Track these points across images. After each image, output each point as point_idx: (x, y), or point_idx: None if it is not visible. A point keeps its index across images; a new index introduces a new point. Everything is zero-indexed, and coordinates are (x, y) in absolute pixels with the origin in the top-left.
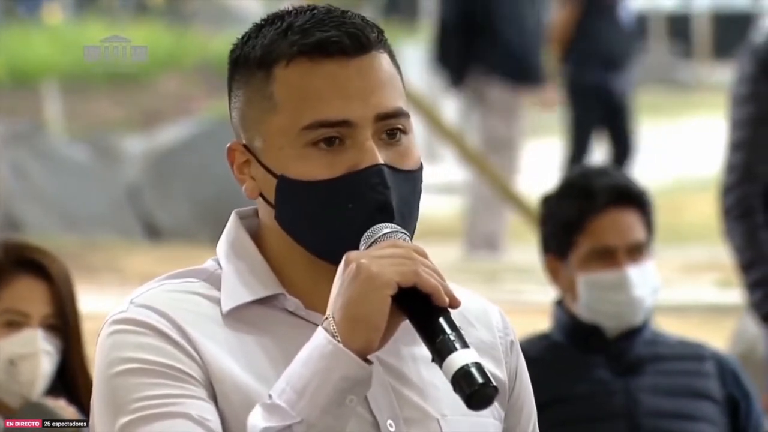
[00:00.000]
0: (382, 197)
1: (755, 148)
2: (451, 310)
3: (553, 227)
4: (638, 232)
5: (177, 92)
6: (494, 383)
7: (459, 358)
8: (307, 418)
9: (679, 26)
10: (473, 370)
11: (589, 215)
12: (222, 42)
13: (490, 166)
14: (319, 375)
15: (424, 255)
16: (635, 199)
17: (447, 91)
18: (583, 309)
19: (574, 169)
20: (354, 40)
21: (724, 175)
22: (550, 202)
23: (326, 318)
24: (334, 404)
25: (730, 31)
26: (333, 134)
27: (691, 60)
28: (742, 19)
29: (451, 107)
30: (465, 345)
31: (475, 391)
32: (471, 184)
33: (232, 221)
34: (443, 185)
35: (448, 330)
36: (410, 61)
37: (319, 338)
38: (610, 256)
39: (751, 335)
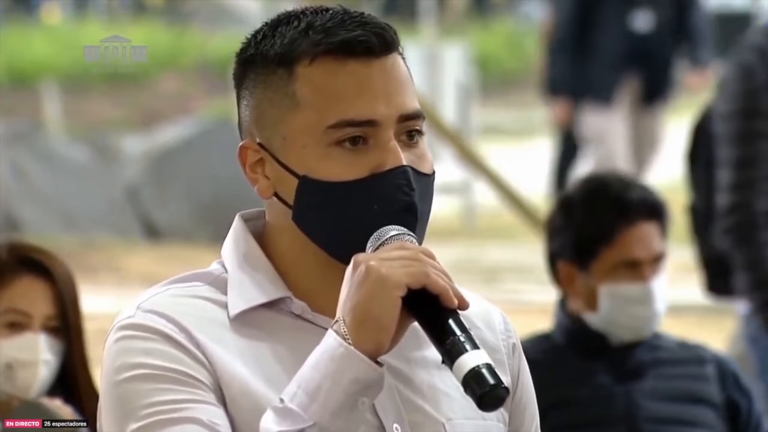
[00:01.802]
0: (408, 198)
1: (759, 164)
2: (459, 311)
3: (574, 235)
4: (660, 244)
5: (176, 92)
6: (505, 384)
7: (470, 360)
8: (320, 421)
9: None
10: (484, 371)
11: (620, 228)
12: (221, 41)
13: (489, 167)
14: (331, 377)
15: (431, 257)
16: (661, 212)
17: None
18: (600, 319)
19: (592, 176)
20: (380, 40)
21: (723, 195)
22: (571, 209)
23: (336, 320)
24: (345, 407)
25: (729, 31)
26: (358, 134)
27: None
28: (741, 20)
29: (450, 107)
30: (475, 346)
31: (486, 392)
32: None
33: (236, 224)
34: (443, 185)
35: (457, 331)
36: (410, 62)
37: (330, 341)
38: (635, 269)
39: None
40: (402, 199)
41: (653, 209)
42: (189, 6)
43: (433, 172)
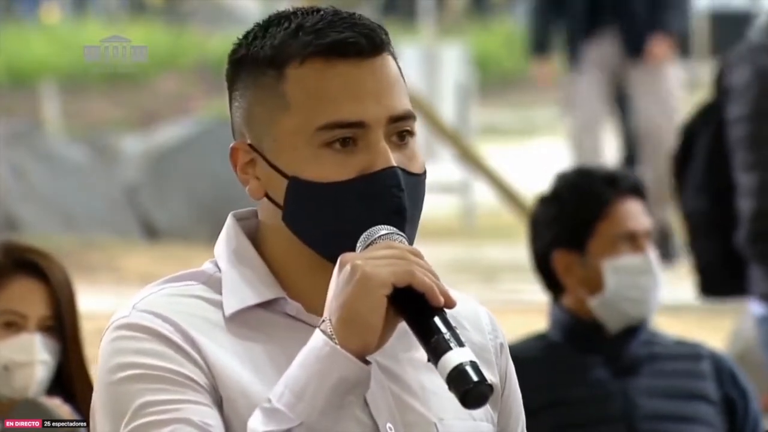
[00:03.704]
0: (397, 200)
1: None
2: (446, 310)
3: (568, 220)
4: (649, 221)
5: (175, 92)
6: (489, 382)
7: (454, 357)
8: (307, 421)
9: None
10: (468, 368)
11: (612, 201)
12: (220, 41)
13: (488, 167)
14: (317, 377)
15: (419, 256)
16: (642, 190)
17: None
18: (606, 299)
19: (568, 169)
20: (369, 41)
21: (746, 200)
22: (559, 198)
23: (323, 320)
24: (332, 406)
25: (728, 30)
26: (348, 135)
27: (689, 59)
28: (740, 19)
29: (449, 107)
30: (460, 344)
31: (469, 389)
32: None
33: (229, 223)
34: (442, 185)
35: (443, 329)
36: (409, 61)
37: (317, 340)
38: (633, 242)
39: (748, 334)
40: (391, 200)
41: (637, 187)
42: (188, 6)
43: (425, 172)
